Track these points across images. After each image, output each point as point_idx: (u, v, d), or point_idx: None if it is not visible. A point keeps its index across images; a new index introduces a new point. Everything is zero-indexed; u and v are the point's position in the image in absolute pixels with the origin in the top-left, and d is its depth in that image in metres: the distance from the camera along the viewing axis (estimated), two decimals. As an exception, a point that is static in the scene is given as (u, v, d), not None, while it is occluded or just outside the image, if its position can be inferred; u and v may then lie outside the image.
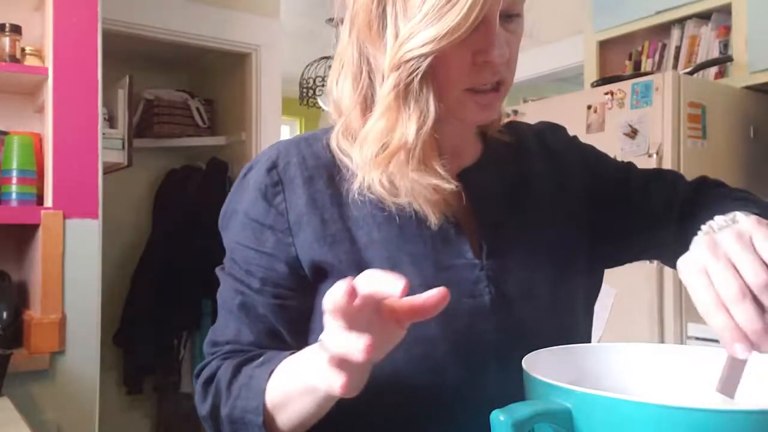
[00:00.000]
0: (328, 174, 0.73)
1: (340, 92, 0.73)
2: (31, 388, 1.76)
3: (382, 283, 0.50)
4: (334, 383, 0.51)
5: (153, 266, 3.15)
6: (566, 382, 0.51)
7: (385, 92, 0.66)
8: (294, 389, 0.62)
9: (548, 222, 0.79)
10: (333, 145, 0.75)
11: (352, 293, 0.49)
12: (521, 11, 0.70)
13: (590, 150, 0.89)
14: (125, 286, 3.19)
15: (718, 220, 0.62)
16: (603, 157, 0.89)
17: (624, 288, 2.15)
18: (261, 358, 0.68)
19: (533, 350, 0.62)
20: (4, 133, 1.89)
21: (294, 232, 0.71)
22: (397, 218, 0.71)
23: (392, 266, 0.70)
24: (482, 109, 0.70)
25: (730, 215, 0.62)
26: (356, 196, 0.71)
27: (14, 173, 1.81)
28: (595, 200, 0.83)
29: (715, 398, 0.58)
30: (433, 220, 0.70)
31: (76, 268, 1.84)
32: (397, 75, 0.65)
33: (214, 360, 0.73)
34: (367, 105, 0.71)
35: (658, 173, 0.88)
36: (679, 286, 2.11)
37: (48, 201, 1.85)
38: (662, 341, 2.08)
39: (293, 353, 0.65)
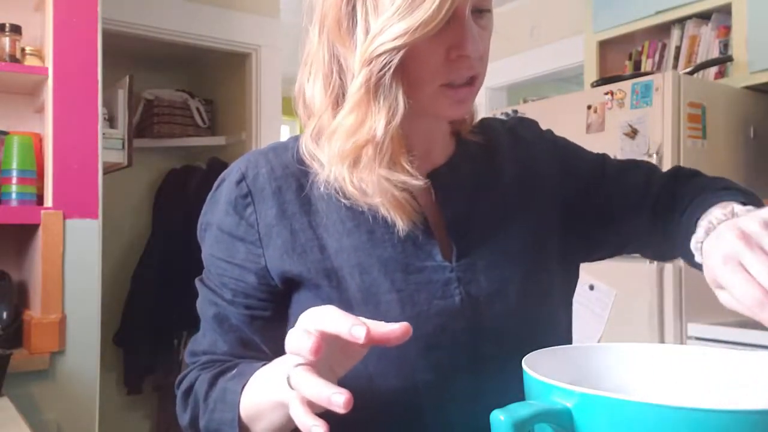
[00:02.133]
0: (298, 183, 0.73)
1: (310, 94, 0.73)
2: (31, 388, 1.76)
3: (344, 329, 0.51)
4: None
5: (153, 266, 3.16)
6: (566, 382, 0.51)
7: (355, 88, 0.66)
8: (265, 404, 0.63)
9: (519, 219, 0.79)
10: (302, 149, 0.74)
11: (318, 349, 0.51)
12: (491, 7, 0.70)
13: (563, 142, 0.89)
14: (125, 286, 3.20)
15: (717, 213, 0.62)
16: (576, 148, 0.89)
17: (624, 288, 2.15)
18: (234, 371, 0.69)
19: (506, 349, 0.63)
20: (4, 133, 1.89)
21: (264, 243, 0.72)
22: (367, 223, 0.71)
23: (362, 272, 0.70)
24: (457, 104, 0.70)
25: (729, 208, 0.62)
26: (324, 199, 0.72)
27: (14, 173, 1.81)
28: (569, 193, 0.83)
29: (715, 398, 0.58)
30: (401, 224, 0.70)
31: (76, 268, 1.84)
32: (368, 70, 0.64)
33: (193, 371, 0.74)
34: (338, 105, 0.70)
35: (633, 163, 0.87)
36: (679, 286, 2.11)
37: (48, 201, 1.85)
38: (662, 341, 2.08)
39: (265, 365, 0.66)
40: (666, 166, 2.10)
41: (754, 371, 0.61)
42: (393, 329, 0.52)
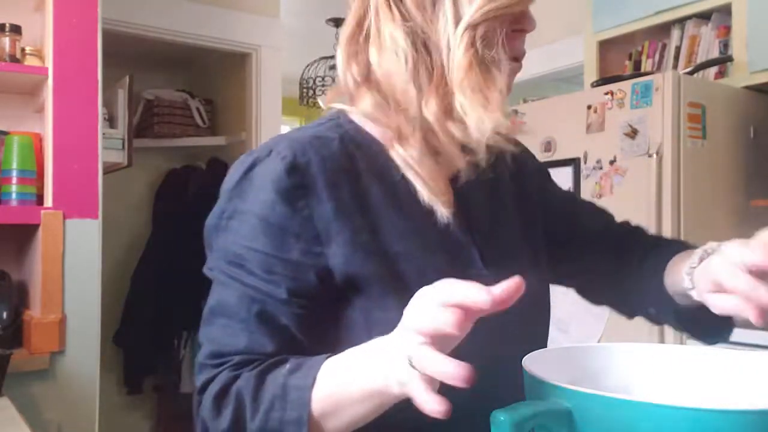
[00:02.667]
0: (351, 180, 0.70)
1: (384, 70, 0.71)
2: (31, 388, 1.76)
3: (483, 298, 0.50)
4: (447, 374, 0.49)
5: (153, 266, 3.16)
6: (566, 382, 0.51)
7: (460, 55, 0.68)
8: (349, 396, 0.59)
9: (521, 229, 0.83)
10: (360, 124, 0.74)
11: (463, 323, 0.50)
12: None
13: (545, 166, 0.98)
14: (125, 286, 3.19)
15: (707, 246, 0.71)
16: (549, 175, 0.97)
17: (624, 288, 2.15)
18: (288, 365, 0.64)
19: (520, 351, 0.62)
20: (4, 133, 1.89)
21: (324, 241, 0.68)
22: (421, 228, 0.71)
23: (420, 276, 0.68)
24: (513, 77, 0.75)
25: (713, 244, 0.71)
26: (380, 200, 0.71)
27: (14, 173, 1.81)
28: (546, 208, 0.88)
29: (715, 398, 0.58)
30: (443, 213, 0.70)
31: (76, 268, 1.84)
32: (469, 40, 0.67)
33: (223, 372, 0.67)
34: (422, 77, 0.70)
35: (593, 204, 0.96)
36: (679, 286, 2.11)
37: (48, 201, 1.85)
38: (662, 341, 2.08)
39: (329, 356, 0.62)
40: (666, 166, 2.10)
41: (754, 371, 0.61)
42: (509, 286, 0.50)
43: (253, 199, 0.69)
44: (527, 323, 0.76)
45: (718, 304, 0.64)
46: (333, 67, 4.00)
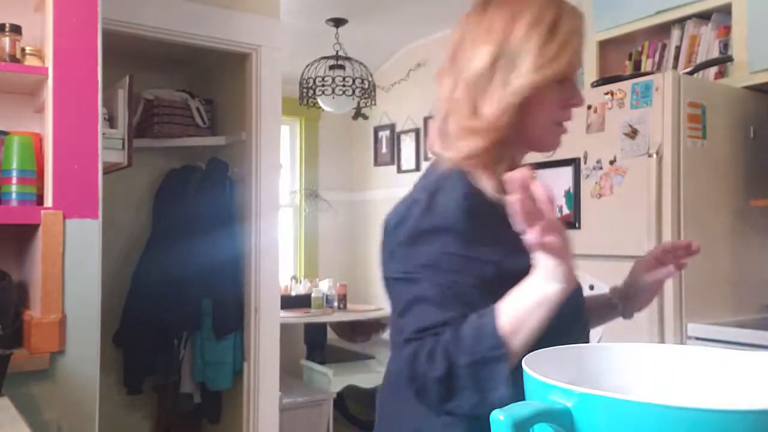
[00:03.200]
0: (490, 207, 0.96)
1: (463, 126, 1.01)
2: (31, 388, 1.76)
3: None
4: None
5: (153, 266, 3.16)
6: (566, 382, 0.51)
7: (499, 112, 0.96)
8: (525, 308, 0.83)
9: None
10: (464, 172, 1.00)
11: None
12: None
13: None
14: (125, 286, 3.20)
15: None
16: None
17: (624, 288, 2.15)
18: (474, 316, 0.86)
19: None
20: (4, 133, 1.89)
21: (490, 244, 0.94)
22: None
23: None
24: (560, 139, 1.05)
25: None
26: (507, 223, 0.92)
27: (14, 173, 1.81)
28: None
29: (715, 398, 0.58)
30: None
31: (76, 268, 1.84)
32: (507, 102, 0.96)
33: (427, 339, 0.86)
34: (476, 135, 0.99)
35: None
36: (679, 287, 2.11)
37: (48, 201, 1.85)
38: (662, 341, 2.08)
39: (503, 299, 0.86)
40: (666, 166, 2.11)
41: (754, 371, 0.61)
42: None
43: (444, 218, 0.94)
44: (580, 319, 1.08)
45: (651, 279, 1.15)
46: (333, 67, 4.00)
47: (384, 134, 4.99)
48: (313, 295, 4.19)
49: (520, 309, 0.83)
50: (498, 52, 0.97)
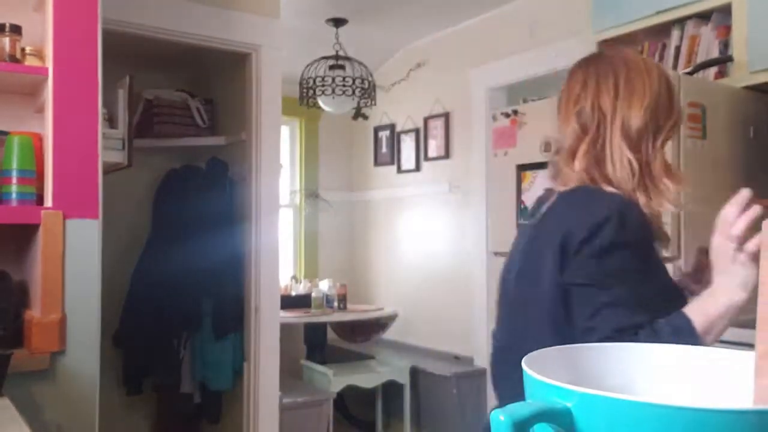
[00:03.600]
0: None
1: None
2: (31, 388, 1.76)
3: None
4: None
5: (153, 266, 3.15)
6: (566, 382, 0.51)
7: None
8: (718, 313, 1.03)
9: None
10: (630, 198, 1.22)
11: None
12: None
13: None
14: (125, 286, 3.19)
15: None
16: None
17: (624, 288, 2.15)
18: (663, 321, 1.05)
19: None
20: (5, 133, 1.89)
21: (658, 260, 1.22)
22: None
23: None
24: None
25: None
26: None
27: (14, 173, 1.81)
28: None
29: (715, 398, 0.58)
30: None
31: (76, 267, 1.84)
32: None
33: (625, 337, 1.01)
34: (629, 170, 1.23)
35: None
36: (679, 286, 2.11)
37: (48, 201, 1.85)
38: (662, 341, 2.08)
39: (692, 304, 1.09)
40: (666, 166, 2.10)
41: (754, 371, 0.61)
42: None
43: (629, 236, 1.12)
44: None
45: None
46: (333, 67, 4.00)
47: (384, 134, 4.99)
48: (313, 295, 4.19)
49: (711, 313, 1.01)
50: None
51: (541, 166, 2.33)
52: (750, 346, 0.63)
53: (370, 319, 4.37)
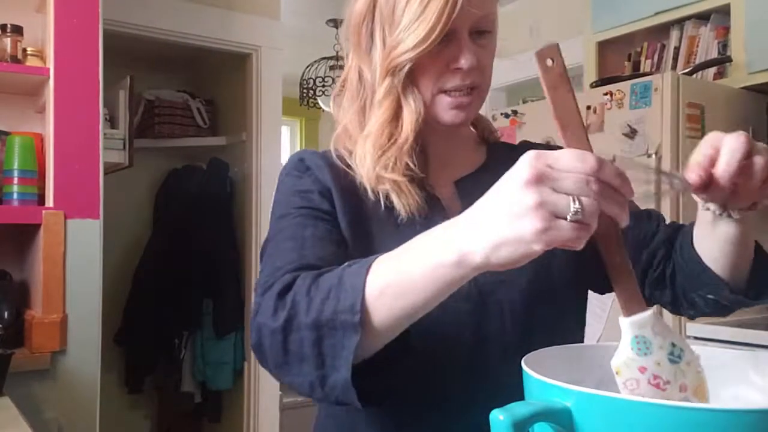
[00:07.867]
0: (348, 180, 0.85)
1: (343, 106, 0.90)
2: (32, 387, 1.76)
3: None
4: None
5: (153, 266, 3.16)
6: (566, 382, 0.51)
7: (380, 95, 0.82)
8: (410, 278, 0.59)
9: None
10: (332, 149, 0.89)
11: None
12: (492, 28, 0.84)
13: None
14: (126, 286, 3.20)
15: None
16: None
17: (623, 288, 2.15)
18: (344, 265, 0.66)
19: (509, 333, 0.78)
20: (6, 134, 1.90)
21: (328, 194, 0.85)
22: (401, 230, 0.81)
23: None
24: (454, 109, 0.84)
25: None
26: (369, 203, 0.83)
27: (15, 173, 1.82)
28: None
29: (715, 398, 0.58)
30: (403, 211, 0.81)
31: (77, 267, 1.84)
32: (390, 80, 0.81)
33: (285, 275, 0.70)
34: (364, 114, 0.87)
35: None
36: (679, 286, 2.11)
37: (49, 201, 1.85)
38: (661, 341, 2.08)
39: (390, 252, 0.63)
40: (665, 166, 2.11)
41: (754, 371, 0.62)
42: None
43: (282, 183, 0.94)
44: (529, 314, 0.83)
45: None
46: (333, 68, 4.00)
47: (384, 134, 4.99)
48: (313, 294, 4.18)
49: (401, 273, 0.60)
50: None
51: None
52: (750, 346, 0.64)
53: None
